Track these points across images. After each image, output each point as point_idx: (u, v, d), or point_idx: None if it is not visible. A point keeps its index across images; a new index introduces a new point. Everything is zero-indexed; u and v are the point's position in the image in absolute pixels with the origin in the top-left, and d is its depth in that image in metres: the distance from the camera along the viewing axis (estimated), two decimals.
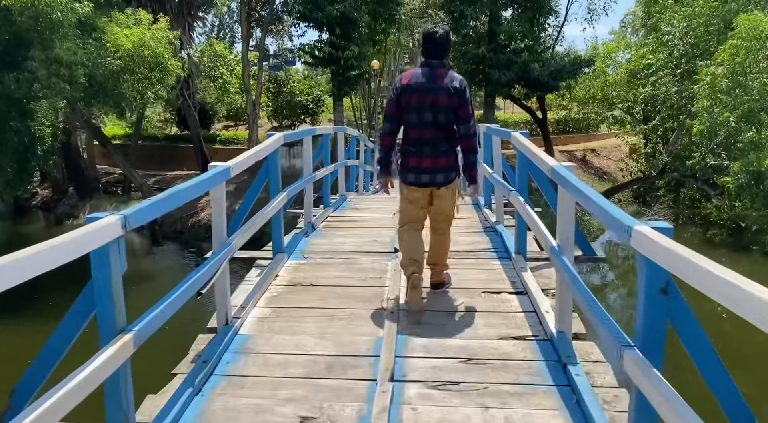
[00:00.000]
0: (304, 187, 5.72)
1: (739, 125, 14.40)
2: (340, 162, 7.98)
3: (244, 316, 3.58)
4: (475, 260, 4.71)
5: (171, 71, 14.68)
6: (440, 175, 3.75)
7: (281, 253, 4.67)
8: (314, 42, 20.39)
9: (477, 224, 6.15)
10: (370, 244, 5.23)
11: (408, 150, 3.75)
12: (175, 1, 18.24)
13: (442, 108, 3.63)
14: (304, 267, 4.57)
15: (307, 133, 5.70)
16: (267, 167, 4.54)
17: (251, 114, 21.64)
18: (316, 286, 4.16)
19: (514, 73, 19.34)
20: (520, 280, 4.15)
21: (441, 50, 3.74)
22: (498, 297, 3.92)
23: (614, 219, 2.16)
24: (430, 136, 3.69)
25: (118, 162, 19.91)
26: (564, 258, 3.05)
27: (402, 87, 3.69)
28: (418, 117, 3.66)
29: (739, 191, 14.90)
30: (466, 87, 3.69)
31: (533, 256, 4.59)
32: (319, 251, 5.01)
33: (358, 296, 3.95)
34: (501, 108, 34.21)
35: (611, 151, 27.25)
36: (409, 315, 3.59)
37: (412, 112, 3.67)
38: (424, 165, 3.71)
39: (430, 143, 3.70)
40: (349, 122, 31.83)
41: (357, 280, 4.27)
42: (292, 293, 4.03)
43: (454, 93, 3.61)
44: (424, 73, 3.67)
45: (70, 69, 12.64)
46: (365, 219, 6.69)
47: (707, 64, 15.83)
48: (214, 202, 3.34)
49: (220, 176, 3.26)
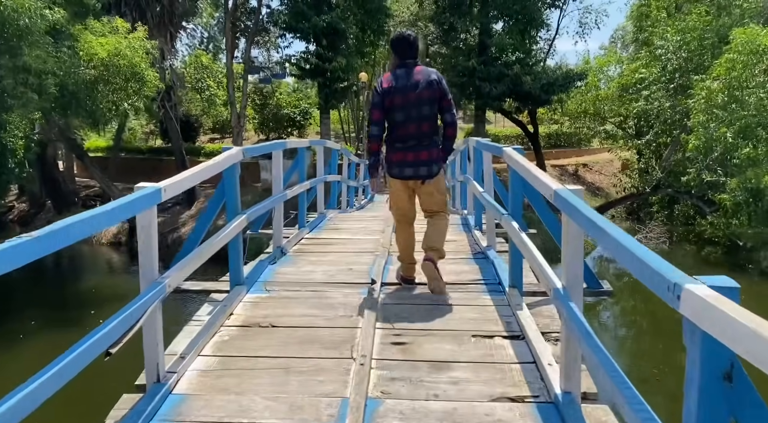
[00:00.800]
0: (273, 207, 5.12)
1: (736, 141, 13.97)
2: (318, 178, 7.37)
3: (182, 370, 2.94)
4: (464, 294, 4.09)
5: (148, 82, 14.03)
6: (423, 168, 3.99)
7: (240, 286, 4.04)
8: (300, 53, 19.89)
9: (466, 248, 5.55)
10: (344, 273, 4.60)
11: (394, 146, 3.99)
12: (156, 9, 17.66)
13: (426, 101, 3.88)
14: (265, 302, 3.94)
15: (277, 146, 5.09)
16: (223, 186, 3.93)
17: (236, 126, 21.02)
18: (277, 327, 3.53)
19: (505, 86, 18.91)
20: (516, 320, 3.54)
21: (415, 50, 4.01)
22: (490, 343, 3.30)
23: (650, 269, 1.56)
24: (415, 131, 3.94)
25: (94, 175, 19.20)
26: (572, 304, 2.46)
27: (384, 90, 3.88)
28: (405, 115, 3.89)
29: (737, 209, 14.44)
30: (442, 78, 4.00)
31: (530, 290, 3.99)
32: (285, 282, 4.37)
33: (324, 341, 3.32)
34: (491, 122, 33.85)
35: (603, 166, 26.85)
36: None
37: (397, 111, 3.89)
38: (408, 159, 3.97)
39: (415, 138, 3.95)
40: (337, 135, 31.34)
41: (325, 319, 3.65)
42: (247, 337, 3.40)
43: (435, 85, 3.90)
44: (404, 73, 3.90)
45: (39, 78, 11.99)
46: (343, 241, 6.07)
47: (702, 79, 15.44)
48: (141, 232, 2.72)
49: (149, 199, 2.64)
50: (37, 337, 11.06)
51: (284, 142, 5.29)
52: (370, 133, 4.04)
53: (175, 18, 19.05)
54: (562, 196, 2.49)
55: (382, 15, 20.69)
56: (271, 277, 4.46)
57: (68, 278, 17.24)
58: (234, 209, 3.91)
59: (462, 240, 5.99)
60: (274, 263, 4.85)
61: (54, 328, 11.09)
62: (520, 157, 3.48)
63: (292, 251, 5.44)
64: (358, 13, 19.89)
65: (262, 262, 4.72)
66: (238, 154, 3.87)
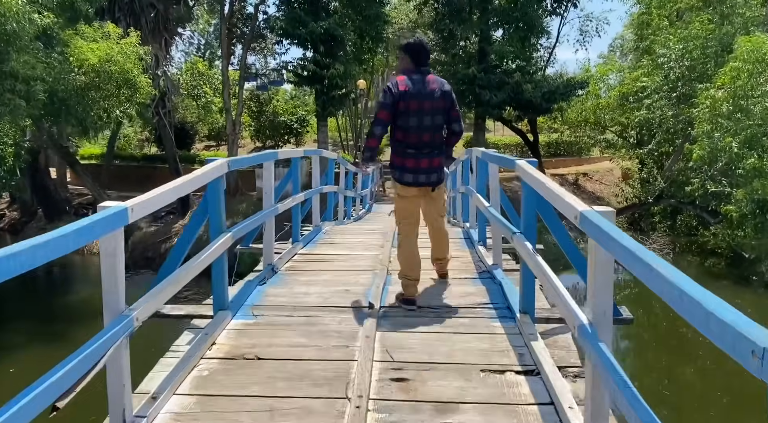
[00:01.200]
0: (263, 222, 4.77)
1: (741, 151, 13.68)
2: (313, 189, 7.01)
3: (153, 413, 2.57)
4: (470, 320, 3.74)
5: (141, 89, 13.67)
6: (434, 175, 4.07)
7: (224, 311, 3.67)
8: (298, 60, 19.59)
9: (470, 267, 5.19)
10: (339, 295, 4.24)
11: (406, 152, 3.96)
12: (150, 15, 17.34)
13: (440, 111, 3.95)
14: (252, 330, 3.58)
15: (267, 157, 4.74)
16: (206, 201, 3.57)
17: (231, 134, 20.68)
18: (263, 359, 3.17)
19: (505, 94, 18.62)
20: (529, 352, 3.18)
21: (428, 58, 4.10)
22: (501, 379, 2.95)
23: (724, 326, 1.21)
24: (429, 138, 3.97)
25: (86, 183, 18.84)
26: (602, 345, 2.11)
27: (401, 93, 3.84)
28: (418, 121, 3.89)
29: (743, 220, 14.13)
30: (451, 88, 4.11)
31: (543, 316, 3.64)
32: (275, 306, 4.01)
33: (315, 376, 2.96)
34: (490, 130, 33.59)
35: (604, 176, 26.56)
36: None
37: (411, 116, 3.88)
38: (422, 166, 3.98)
39: (429, 145, 3.98)
40: (335, 143, 31.04)
41: (317, 350, 3.29)
42: (229, 372, 3.03)
43: (447, 95, 3.99)
44: (420, 80, 3.91)
45: (27, 84, 11.63)
46: (339, 258, 5.71)
47: (707, 87, 15.17)
48: (105, 258, 2.37)
49: (113, 221, 2.28)
50: (25, 352, 10.69)
51: (275, 153, 4.94)
52: (373, 132, 4.01)
53: (170, 24, 18.73)
54: (591, 220, 2.15)
55: (381, 22, 20.41)
56: (260, 300, 4.10)
57: (58, 289, 16.85)
58: (218, 227, 3.55)
59: (465, 256, 5.64)
60: (264, 283, 4.48)
61: (42, 343, 10.72)
62: (535, 171, 3.13)
63: (284, 269, 5.08)
64: (356, 19, 19.62)
65: (250, 283, 4.35)
66: (222, 166, 3.52)
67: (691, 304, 1.35)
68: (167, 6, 18.32)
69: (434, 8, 21.39)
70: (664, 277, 1.53)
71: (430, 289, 4.39)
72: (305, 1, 19.08)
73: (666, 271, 1.54)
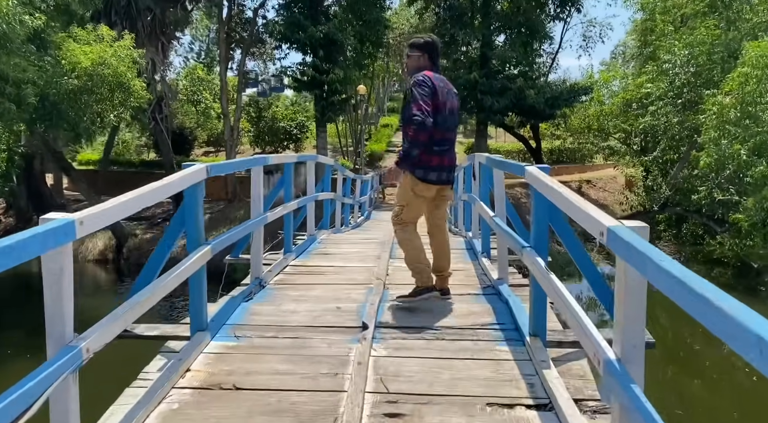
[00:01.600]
0: (251, 232, 4.42)
1: (750, 158, 13.35)
2: (307, 197, 6.67)
3: None
4: (473, 343, 3.38)
5: (135, 92, 13.36)
6: (452, 173, 4.11)
7: (203, 331, 3.32)
8: (297, 65, 19.32)
9: (473, 281, 4.83)
10: (331, 314, 3.89)
11: (433, 150, 3.86)
12: (147, 19, 17.07)
13: (455, 110, 4.01)
14: (232, 354, 3.22)
15: (255, 162, 4.40)
16: (182, 211, 3.23)
17: (229, 140, 20.36)
18: (241, 389, 2.81)
19: (507, 99, 18.30)
20: (541, 381, 2.83)
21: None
22: (510, 415, 2.58)
23: None
24: (450, 136, 4.02)
25: (80, 189, 18.52)
26: (634, 388, 1.76)
27: (436, 87, 3.77)
28: (443, 119, 3.85)
29: (752, 229, 13.77)
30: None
31: (555, 338, 3.28)
32: (259, 326, 3.65)
33: (300, 411, 2.60)
34: (492, 136, 33.26)
35: (607, 183, 26.21)
36: None
37: (439, 113, 3.80)
38: (446, 163, 3.96)
39: (450, 143, 4.02)
40: (335, 149, 30.75)
41: (303, 378, 2.93)
42: (202, 405, 2.67)
43: (458, 97, 4.11)
44: (441, 80, 3.90)
45: (18, 88, 11.33)
46: (333, 270, 5.35)
47: (714, 94, 14.85)
48: (49, 278, 2.04)
49: (58, 236, 1.95)
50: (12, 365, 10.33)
51: (264, 158, 4.60)
52: (425, 122, 3.63)
53: (167, 28, 18.45)
54: (621, 237, 1.80)
55: (381, 26, 20.15)
56: (243, 319, 3.74)
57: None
58: (195, 238, 3.21)
59: (469, 269, 5.28)
60: (249, 299, 4.13)
61: (33, 356, 10.36)
62: (548, 179, 2.78)
63: (273, 283, 4.72)
64: (356, 24, 19.35)
65: (234, 299, 3.99)
66: (200, 172, 3.18)
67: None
68: (164, 10, 18.05)
69: (435, 13, 21.13)
70: (731, 317, 1.18)
71: (430, 306, 4.03)
72: (305, 6, 18.83)
73: (731, 308, 1.19)
